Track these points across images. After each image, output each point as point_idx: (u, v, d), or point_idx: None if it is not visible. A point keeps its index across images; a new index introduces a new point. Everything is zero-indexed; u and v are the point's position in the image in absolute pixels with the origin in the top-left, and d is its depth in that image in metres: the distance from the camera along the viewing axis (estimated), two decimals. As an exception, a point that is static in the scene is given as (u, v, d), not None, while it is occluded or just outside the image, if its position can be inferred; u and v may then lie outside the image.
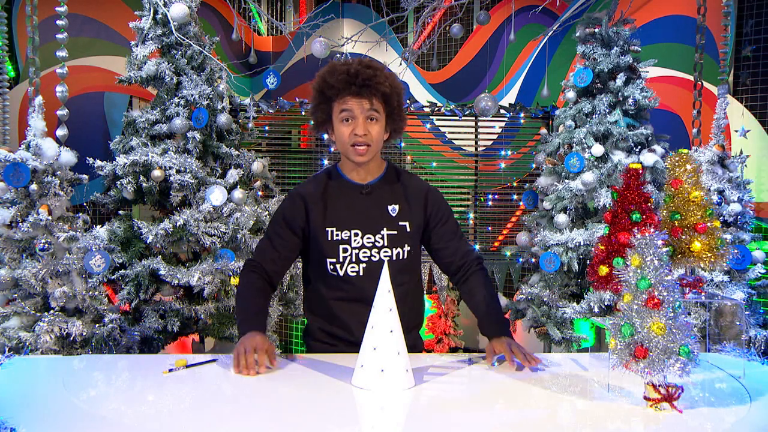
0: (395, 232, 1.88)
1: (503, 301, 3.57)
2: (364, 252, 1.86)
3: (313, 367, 1.72)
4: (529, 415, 1.39)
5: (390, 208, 1.90)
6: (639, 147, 3.17)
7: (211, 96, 3.05)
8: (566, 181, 3.22)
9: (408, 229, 1.90)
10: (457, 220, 2.02)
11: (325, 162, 4.31)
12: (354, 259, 1.86)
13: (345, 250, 1.86)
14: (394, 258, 1.88)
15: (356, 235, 1.86)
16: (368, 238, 1.86)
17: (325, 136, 1.97)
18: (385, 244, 1.87)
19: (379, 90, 1.79)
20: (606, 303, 2.95)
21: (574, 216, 3.24)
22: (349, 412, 1.42)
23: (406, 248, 1.90)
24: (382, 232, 1.87)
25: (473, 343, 4.80)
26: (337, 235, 1.86)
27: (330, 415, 1.36)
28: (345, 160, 1.92)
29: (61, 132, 2.91)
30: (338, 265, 1.86)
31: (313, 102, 1.89)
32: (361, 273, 1.86)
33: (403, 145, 4.53)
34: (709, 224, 1.64)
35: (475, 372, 1.72)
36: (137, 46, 3.05)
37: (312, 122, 1.95)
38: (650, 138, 3.19)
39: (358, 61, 1.83)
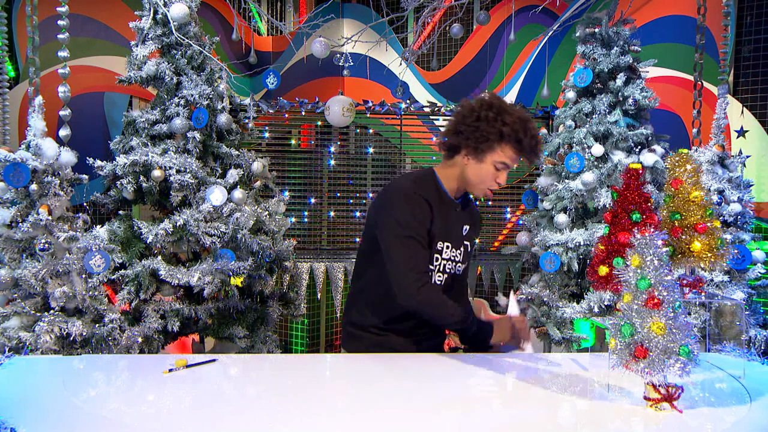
0: (465, 250, 2.03)
1: (503, 301, 3.57)
2: (449, 264, 1.99)
3: (312, 367, 1.72)
4: (529, 415, 1.39)
5: (464, 227, 2.03)
6: (639, 147, 3.17)
7: (211, 96, 3.05)
8: (566, 181, 3.22)
9: (469, 249, 2.06)
10: None
11: (332, 163, 4.31)
12: (441, 269, 1.97)
13: (437, 260, 1.95)
14: (461, 273, 2.05)
15: (447, 247, 1.96)
16: (453, 251, 1.99)
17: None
18: (460, 259, 2.01)
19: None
20: (606, 303, 2.95)
21: (574, 216, 3.24)
22: (349, 413, 1.42)
23: (466, 264, 2.06)
24: (461, 248, 2.01)
25: (473, 343, 4.79)
26: (438, 244, 1.95)
27: (329, 416, 1.36)
28: (451, 175, 1.95)
29: (63, 132, 2.90)
30: (431, 273, 1.95)
31: (482, 134, 1.86)
32: (443, 283, 1.98)
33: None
34: (709, 224, 1.64)
35: (475, 372, 1.72)
36: (137, 46, 3.05)
37: (447, 138, 1.95)
38: (650, 138, 3.18)
39: (535, 129, 1.89)
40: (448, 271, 1.99)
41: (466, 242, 2.03)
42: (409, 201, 1.87)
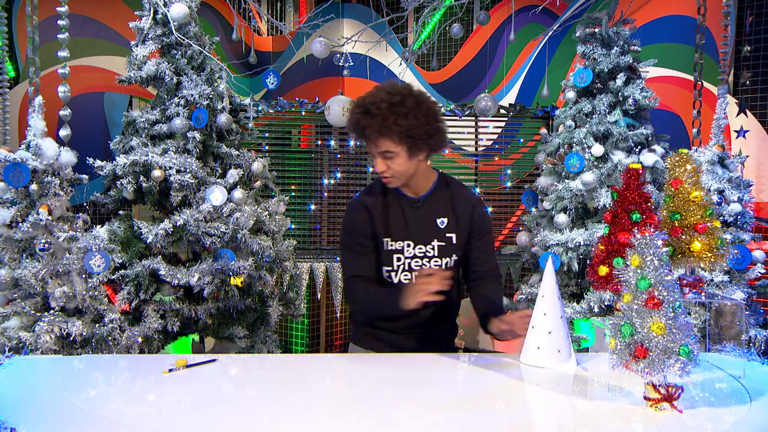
0: (444, 244, 1.99)
1: (503, 301, 3.57)
2: (416, 261, 1.97)
3: (312, 367, 1.72)
4: (530, 415, 1.39)
5: (439, 221, 1.99)
6: (639, 147, 3.17)
7: (211, 96, 3.05)
8: (566, 181, 3.21)
9: (454, 241, 2.00)
10: (493, 238, 2.13)
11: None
12: (407, 268, 1.97)
13: (398, 259, 1.97)
14: (443, 266, 1.99)
15: (408, 246, 1.96)
16: (419, 248, 1.97)
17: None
18: (435, 254, 1.98)
19: (381, 136, 1.83)
20: (606, 303, 2.95)
21: (574, 216, 3.24)
22: (349, 413, 1.42)
23: (453, 257, 2.00)
24: (432, 243, 1.98)
25: (473, 343, 4.80)
26: (391, 245, 1.95)
27: (330, 415, 1.36)
28: None
29: (63, 132, 2.90)
30: (393, 273, 1.98)
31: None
32: (413, 280, 1.94)
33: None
34: (709, 224, 1.64)
35: (474, 372, 1.72)
36: (137, 46, 3.05)
37: None
38: (650, 138, 3.18)
39: (365, 106, 1.84)
40: (416, 268, 1.97)
41: (449, 234, 1.98)
42: (350, 211, 2.00)
